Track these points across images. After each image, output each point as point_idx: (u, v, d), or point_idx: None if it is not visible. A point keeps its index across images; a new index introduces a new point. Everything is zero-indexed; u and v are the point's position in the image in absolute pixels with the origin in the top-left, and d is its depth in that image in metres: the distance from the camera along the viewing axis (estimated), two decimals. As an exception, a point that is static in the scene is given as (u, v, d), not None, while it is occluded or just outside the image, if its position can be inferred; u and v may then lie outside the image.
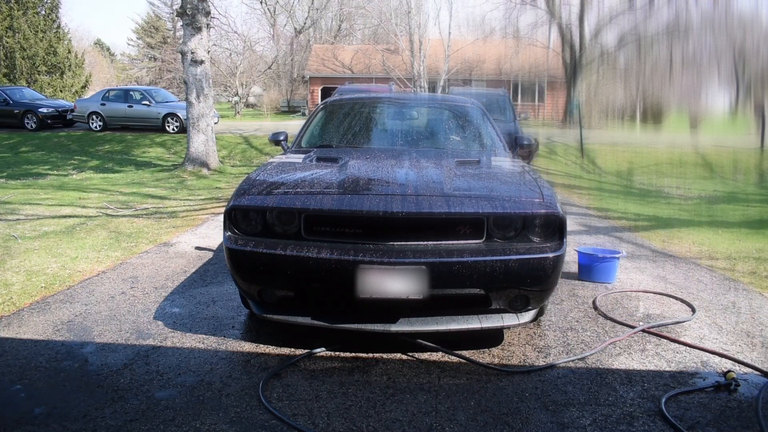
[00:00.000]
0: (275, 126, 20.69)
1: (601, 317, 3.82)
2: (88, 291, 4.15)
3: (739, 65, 17.66)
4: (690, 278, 4.82)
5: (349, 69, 31.46)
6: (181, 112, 17.30)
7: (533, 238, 3.01)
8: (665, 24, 17.36)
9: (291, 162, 3.86)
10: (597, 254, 4.65)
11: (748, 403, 2.72)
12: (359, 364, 3.04)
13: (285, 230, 3.01)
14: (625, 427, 2.49)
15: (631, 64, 19.36)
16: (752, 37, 17.43)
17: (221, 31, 34.32)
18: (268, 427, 2.44)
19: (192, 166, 11.44)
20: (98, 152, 16.04)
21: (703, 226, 7.43)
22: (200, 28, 10.91)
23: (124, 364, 2.99)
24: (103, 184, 10.30)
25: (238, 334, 3.41)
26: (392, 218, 2.85)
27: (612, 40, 17.74)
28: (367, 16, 35.69)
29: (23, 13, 28.89)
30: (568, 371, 3.02)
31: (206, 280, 4.45)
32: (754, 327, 3.73)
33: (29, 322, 3.54)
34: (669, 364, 3.13)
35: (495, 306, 2.97)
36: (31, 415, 2.50)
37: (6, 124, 19.19)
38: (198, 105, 11.22)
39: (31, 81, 28.69)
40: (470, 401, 2.68)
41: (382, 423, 2.48)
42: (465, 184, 3.28)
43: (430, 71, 27.72)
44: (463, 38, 28.04)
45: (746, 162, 15.79)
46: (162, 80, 42.15)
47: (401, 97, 6.71)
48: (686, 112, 20.11)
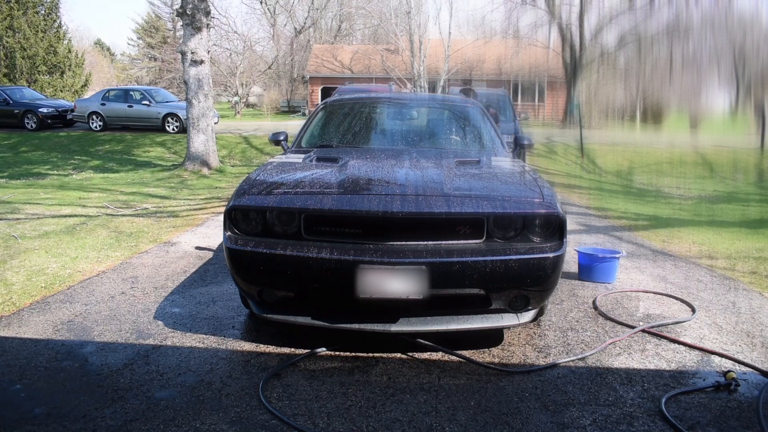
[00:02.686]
0: (275, 126, 20.70)
1: (601, 317, 3.82)
2: (88, 291, 4.15)
3: (739, 65, 17.66)
4: (690, 278, 4.82)
5: (349, 69, 31.46)
6: (181, 112, 17.30)
7: (533, 238, 3.01)
8: (665, 24, 17.36)
9: (291, 162, 3.86)
10: (597, 254, 4.65)
11: (748, 403, 2.72)
12: (359, 364, 3.04)
13: (285, 230, 3.01)
14: (625, 427, 2.49)
15: (631, 64, 19.36)
16: (752, 37, 17.43)
17: (221, 31, 34.36)
18: (268, 427, 2.44)
19: (192, 166, 11.44)
20: (98, 152, 16.05)
21: (703, 225, 7.43)
22: (200, 28, 10.91)
23: (124, 364, 2.99)
24: (103, 183, 10.30)
25: (238, 334, 3.41)
26: (392, 218, 2.85)
27: (612, 40, 17.75)
28: (367, 16, 35.68)
29: (23, 13, 28.90)
30: (568, 371, 3.02)
31: (206, 280, 4.45)
32: (754, 327, 3.73)
33: (29, 321, 3.54)
34: (669, 364, 3.13)
35: (495, 306, 2.97)
36: (31, 415, 2.50)
37: (6, 124, 19.19)
38: (198, 105, 11.23)
39: (31, 81, 28.70)
40: (470, 401, 2.68)
41: (382, 423, 2.48)
42: (465, 184, 3.27)
43: (430, 71, 27.70)
44: (463, 38, 28.03)
45: (746, 162, 15.79)
46: (162, 80, 42.13)
47: (401, 97, 6.72)
48: (686, 112, 20.11)
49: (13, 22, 28.59)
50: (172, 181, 10.51)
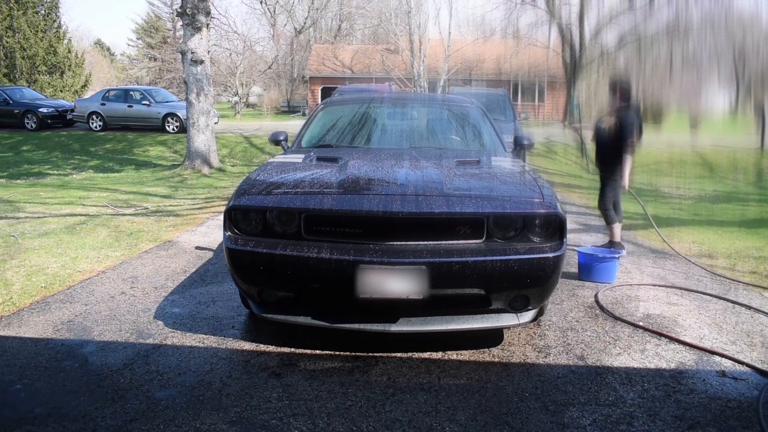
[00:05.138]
0: (275, 126, 20.70)
1: (601, 317, 3.82)
2: (88, 291, 4.15)
3: (739, 65, 17.65)
4: (690, 278, 4.82)
5: (349, 69, 31.44)
6: (181, 111, 17.29)
7: (533, 238, 3.01)
8: (665, 24, 17.36)
9: (291, 162, 3.86)
10: (597, 254, 4.65)
11: (748, 403, 2.72)
12: (359, 364, 3.04)
13: (285, 230, 3.01)
14: (625, 427, 2.49)
15: (631, 64, 19.35)
16: (752, 37, 17.42)
17: (221, 31, 34.34)
18: (268, 427, 2.44)
19: (192, 166, 11.44)
20: (99, 152, 16.05)
21: (703, 225, 7.43)
22: (200, 28, 10.91)
23: (124, 364, 2.99)
24: (104, 183, 10.30)
25: (238, 334, 3.41)
26: (392, 218, 2.85)
27: (612, 40, 17.73)
28: (367, 16, 35.65)
29: (23, 13, 28.89)
30: (568, 371, 3.02)
31: (206, 280, 4.45)
32: (754, 327, 3.73)
33: (29, 321, 3.54)
34: (669, 363, 3.13)
35: (495, 306, 2.97)
36: (31, 415, 2.50)
37: (6, 124, 19.18)
38: (198, 105, 11.23)
39: (31, 81, 28.68)
40: (470, 401, 2.68)
41: (382, 423, 2.48)
42: (465, 183, 3.27)
43: (430, 71, 27.70)
44: (463, 38, 28.03)
45: (746, 161, 15.79)
46: (162, 80, 42.12)
47: (401, 97, 6.71)
48: (686, 112, 20.10)
49: (12, 22, 28.58)
50: (173, 180, 10.51)
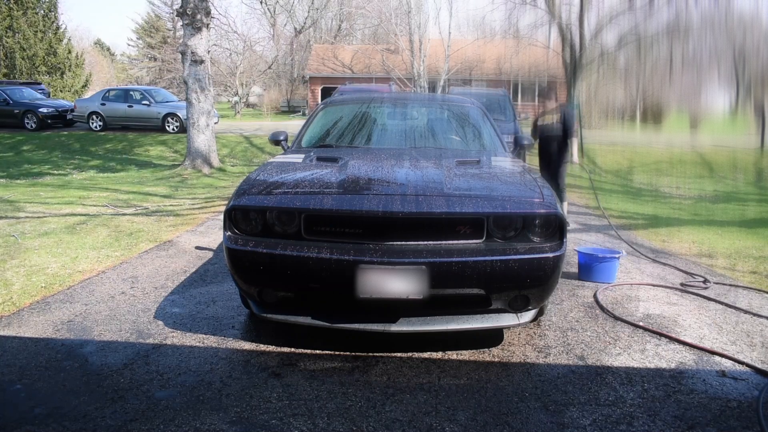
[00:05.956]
0: (275, 126, 20.71)
1: (601, 317, 3.82)
2: (88, 291, 4.15)
3: (739, 65, 17.66)
4: (690, 277, 4.82)
5: (349, 69, 31.44)
6: (181, 111, 17.29)
7: (533, 238, 3.01)
8: (665, 24, 17.36)
9: (291, 162, 3.86)
10: (597, 254, 4.66)
11: (748, 403, 2.72)
12: (359, 364, 3.04)
13: (285, 230, 3.01)
14: (625, 427, 2.49)
15: (631, 64, 19.35)
16: (752, 37, 17.43)
17: (221, 31, 34.36)
18: (268, 427, 2.44)
19: (193, 166, 11.44)
20: (99, 152, 16.05)
21: (703, 225, 7.43)
22: (200, 28, 10.91)
23: (124, 364, 2.99)
24: (104, 183, 10.30)
25: (238, 334, 3.41)
26: (392, 218, 2.85)
27: (612, 40, 17.71)
28: (367, 16, 35.68)
29: (23, 13, 28.90)
30: (568, 371, 3.02)
31: (206, 280, 4.45)
32: (754, 327, 3.73)
33: (29, 321, 3.54)
34: (669, 363, 3.13)
35: (495, 306, 2.97)
36: (31, 415, 2.50)
37: (6, 124, 19.18)
38: (198, 104, 11.23)
39: (31, 81, 28.68)
40: (470, 401, 2.68)
41: (382, 423, 2.48)
42: (465, 183, 3.27)
43: (430, 71, 27.71)
44: (463, 38, 28.03)
45: (745, 161, 15.79)
46: (162, 80, 42.15)
47: (401, 96, 6.71)
48: (686, 112, 20.11)
49: (12, 23, 28.60)
50: (173, 180, 10.51)
